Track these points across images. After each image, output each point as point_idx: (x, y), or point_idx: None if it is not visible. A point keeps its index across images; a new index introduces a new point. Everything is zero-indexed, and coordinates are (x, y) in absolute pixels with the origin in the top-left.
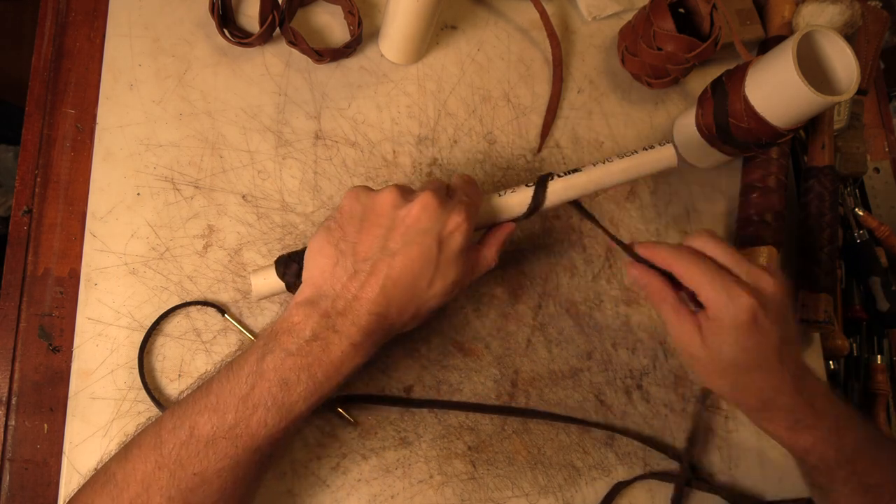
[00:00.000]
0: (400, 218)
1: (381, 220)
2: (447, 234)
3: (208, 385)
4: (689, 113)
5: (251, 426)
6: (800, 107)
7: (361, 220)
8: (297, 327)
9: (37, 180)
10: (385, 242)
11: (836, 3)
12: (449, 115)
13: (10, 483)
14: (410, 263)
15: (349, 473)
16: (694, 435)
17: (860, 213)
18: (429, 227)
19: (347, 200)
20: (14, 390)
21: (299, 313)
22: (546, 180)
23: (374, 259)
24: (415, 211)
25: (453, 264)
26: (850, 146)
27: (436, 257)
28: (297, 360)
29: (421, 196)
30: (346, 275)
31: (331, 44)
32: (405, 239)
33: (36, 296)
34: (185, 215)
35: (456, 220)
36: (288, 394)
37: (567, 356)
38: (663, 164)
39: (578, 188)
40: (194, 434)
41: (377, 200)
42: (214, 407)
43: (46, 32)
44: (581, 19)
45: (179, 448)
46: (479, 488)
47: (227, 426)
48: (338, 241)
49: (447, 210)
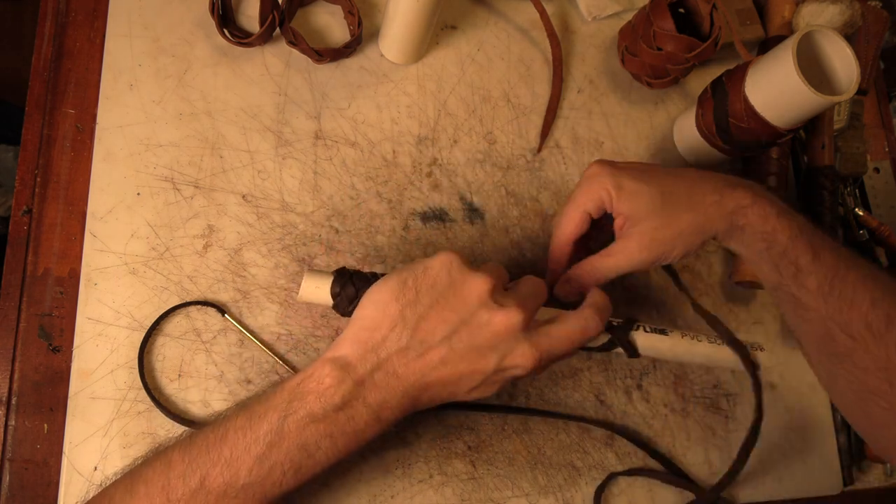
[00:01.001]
0: (478, 319)
1: (460, 309)
2: (511, 364)
3: (225, 431)
4: (689, 113)
5: (265, 487)
6: (800, 107)
7: (442, 294)
8: (327, 392)
9: (37, 180)
10: (451, 334)
11: (836, 3)
12: (449, 115)
13: (10, 483)
14: (463, 370)
15: (349, 473)
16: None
17: (860, 213)
18: (498, 346)
19: (438, 265)
20: (14, 390)
21: (333, 375)
22: (629, 329)
23: (431, 345)
24: (496, 322)
25: (499, 386)
26: (850, 146)
27: (489, 375)
28: (322, 428)
29: (511, 311)
30: (397, 347)
31: (331, 44)
32: (471, 343)
33: (36, 296)
34: (185, 215)
35: (526, 359)
36: (307, 460)
37: None
38: (740, 367)
39: (655, 351)
40: (205, 486)
41: (467, 285)
42: (228, 461)
43: (46, 32)
44: (581, 19)
45: (189, 497)
46: (479, 488)
47: (241, 485)
48: (405, 305)
49: (527, 343)
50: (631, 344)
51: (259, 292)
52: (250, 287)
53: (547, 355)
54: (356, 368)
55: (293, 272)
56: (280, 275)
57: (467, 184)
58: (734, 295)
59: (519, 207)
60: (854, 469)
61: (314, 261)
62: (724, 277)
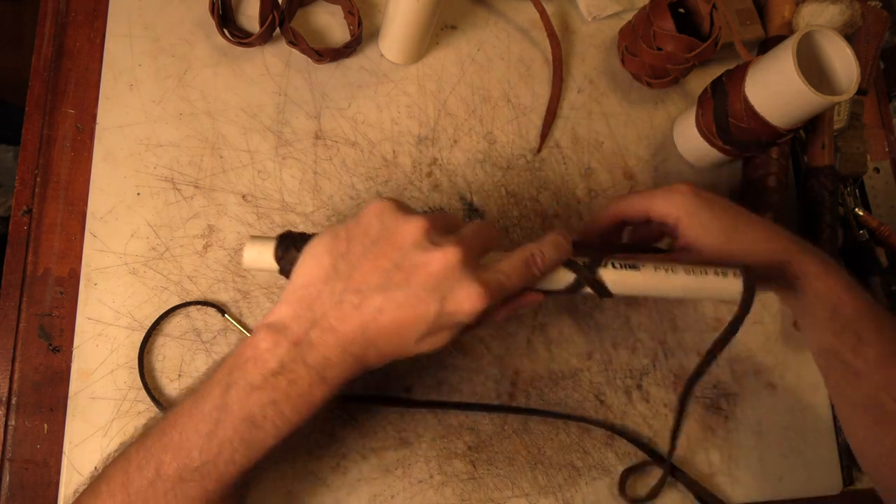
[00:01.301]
0: (413, 262)
1: (393, 254)
2: (455, 305)
3: (174, 416)
4: (689, 113)
5: (219, 466)
6: (800, 107)
7: (374, 242)
8: (263, 357)
9: (37, 180)
10: (386, 281)
11: (836, 3)
12: (449, 115)
13: (10, 483)
14: (402, 316)
15: (349, 473)
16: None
17: (860, 213)
18: (437, 287)
19: (370, 214)
20: (14, 390)
21: (268, 339)
22: (596, 265)
23: (365, 294)
24: (434, 264)
25: (450, 333)
26: (850, 146)
27: (432, 321)
28: (263, 395)
29: (448, 249)
30: (331, 301)
31: (331, 44)
32: (408, 288)
33: (36, 296)
34: (185, 215)
35: (471, 296)
36: (255, 431)
37: (567, 356)
38: (727, 297)
39: (626, 287)
40: (161, 474)
41: (400, 229)
42: (179, 445)
43: (46, 32)
44: (581, 19)
45: (147, 488)
46: (479, 488)
47: (194, 467)
48: (338, 257)
49: (469, 278)
50: (599, 282)
51: (259, 292)
52: (250, 287)
53: (495, 292)
54: (291, 329)
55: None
56: (280, 275)
57: (467, 184)
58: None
59: (519, 207)
60: (854, 469)
61: None
62: None
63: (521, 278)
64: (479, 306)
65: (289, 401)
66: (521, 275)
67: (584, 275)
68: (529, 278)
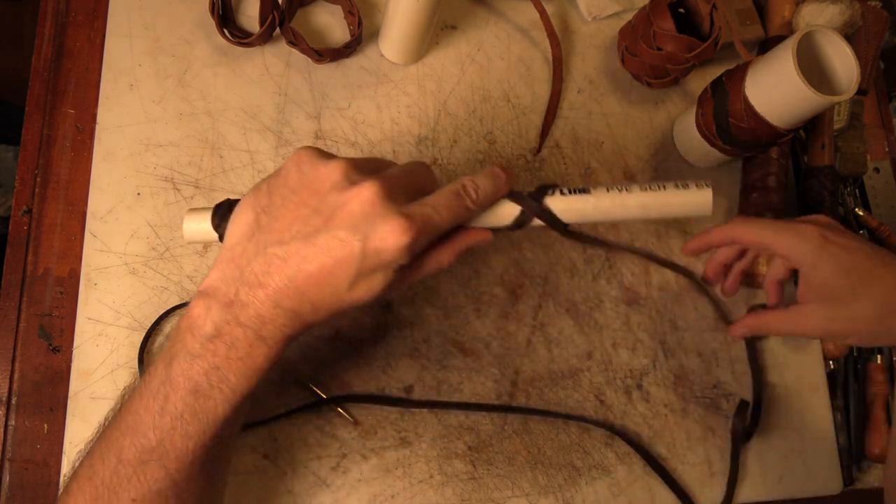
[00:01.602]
0: (330, 203)
1: (311, 200)
2: (380, 242)
3: (128, 401)
4: (689, 113)
5: (175, 442)
6: (800, 107)
7: (293, 191)
8: (197, 322)
9: (37, 180)
10: (306, 227)
11: (836, 3)
12: (449, 115)
13: (10, 483)
14: (327, 261)
15: (349, 473)
16: None
17: (860, 213)
18: (357, 225)
19: (290, 164)
20: (14, 390)
21: (200, 305)
22: (543, 195)
23: (287, 243)
24: (352, 202)
25: (382, 275)
26: (850, 146)
27: (358, 261)
28: (204, 362)
29: (366, 184)
30: (255, 255)
31: (331, 44)
32: (328, 231)
33: (36, 296)
34: None
35: (395, 231)
36: (203, 401)
37: (567, 356)
38: (694, 212)
39: (578, 213)
40: (122, 459)
41: (319, 174)
42: (134, 428)
43: (46, 32)
44: (581, 19)
45: (111, 477)
46: (479, 488)
47: (151, 447)
48: (260, 212)
49: (390, 213)
50: (547, 212)
51: None
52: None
53: (421, 225)
54: (221, 290)
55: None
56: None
57: None
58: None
59: None
60: (854, 469)
61: None
62: None
63: (451, 212)
64: (405, 240)
65: (230, 365)
66: (452, 208)
67: (530, 205)
68: (462, 211)
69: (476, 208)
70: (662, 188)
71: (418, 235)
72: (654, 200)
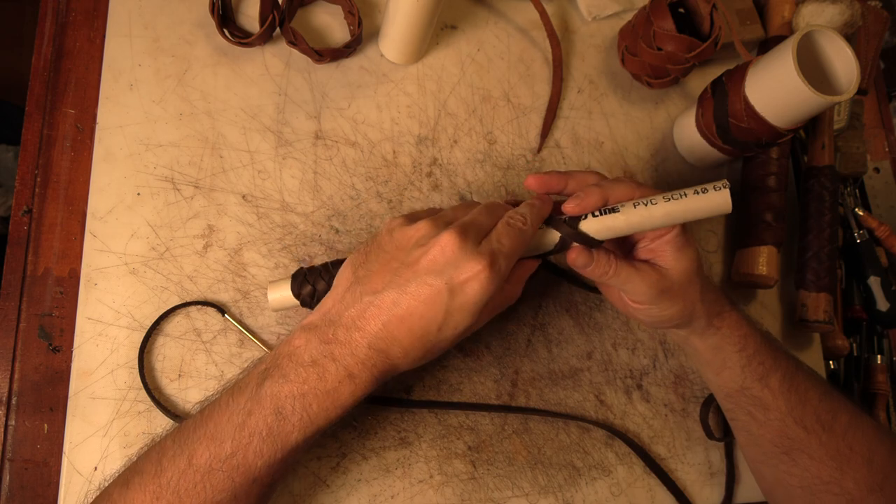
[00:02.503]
0: (416, 255)
1: (399, 254)
2: (461, 281)
3: (210, 409)
4: (689, 113)
5: (248, 457)
6: (800, 107)
7: (384, 250)
8: (297, 352)
9: (37, 180)
10: (396, 277)
11: (836, 3)
12: (449, 115)
13: (10, 483)
14: (417, 305)
15: (349, 473)
16: None
17: (860, 213)
18: (441, 270)
19: (382, 230)
20: (14, 390)
21: (301, 337)
22: (577, 220)
23: (380, 292)
24: (431, 251)
25: (468, 311)
26: (850, 146)
27: (446, 303)
28: (293, 388)
29: (444, 234)
30: (353, 303)
31: (331, 44)
32: (416, 278)
33: (36, 296)
34: (185, 215)
35: (474, 269)
36: (282, 424)
37: (567, 356)
38: (715, 212)
39: (611, 230)
40: (192, 464)
41: (405, 234)
42: (212, 436)
43: (46, 32)
44: (581, 19)
45: (178, 478)
46: (479, 488)
47: (224, 456)
48: (357, 267)
49: (468, 255)
50: (584, 234)
51: (259, 292)
52: (250, 287)
53: (496, 257)
54: (321, 328)
55: (293, 272)
56: (280, 275)
57: (467, 184)
58: (734, 295)
59: None
60: None
61: (314, 261)
62: (724, 277)
63: (511, 240)
64: (488, 274)
65: (316, 396)
66: (511, 236)
67: (567, 230)
68: (518, 235)
69: (528, 229)
70: (684, 196)
71: (494, 269)
72: (677, 208)
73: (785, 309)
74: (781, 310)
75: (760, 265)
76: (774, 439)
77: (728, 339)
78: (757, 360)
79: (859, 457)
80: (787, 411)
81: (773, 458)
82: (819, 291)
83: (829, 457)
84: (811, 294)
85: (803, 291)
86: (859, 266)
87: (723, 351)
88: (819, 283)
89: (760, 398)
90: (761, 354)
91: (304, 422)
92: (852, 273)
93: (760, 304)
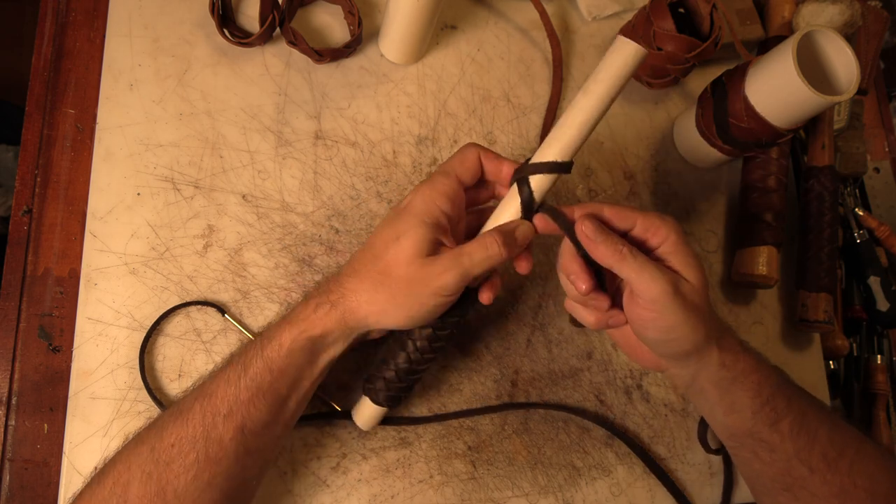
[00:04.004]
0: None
1: None
2: (404, 205)
3: (210, 376)
4: (689, 113)
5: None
6: (800, 107)
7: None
8: (301, 312)
9: (37, 180)
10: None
11: (836, 3)
12: (449, 115)
13: (10, 483)
14: (376, 232)
15: (349, 473)
16: None
17: (860, 213)
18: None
19: None
20: (14, 390)
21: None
22: (524, 173)
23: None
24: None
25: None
26: (850, 146)
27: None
28: (294, 328)
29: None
30: (337, 285)
31: (331, 44)
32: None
33: (36, 296)
34: (185, 215)
35: (412, 196)
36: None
37: (567, 356)
38: (633, 61)
39: (565, 149)
40: (180, 410)
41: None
42: (211, 393)
43: (46, 32)
44: (581, 19)
45: (161, 428)
46: (479, 488)
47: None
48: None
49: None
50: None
51: (259, 292)
52: (250, 287)
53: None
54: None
55: (293, 272)
56: (280, 275)
57: None
58: (734, 295)
59: None
60: None
61: (314, 260)
62: (724, 277)
63: (479, 266)
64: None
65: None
66: (479, 264)
67: (523, 190)
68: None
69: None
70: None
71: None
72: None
73: (785, 309)
74: (781, 310)
75: (760, 265)
76: (777, 476)
77: (742, 385)
78: (770, 406)
79: (862, 491)
80: (794, 453)
81: (774, 493)
82: (819, 291)
83: (832, 494)
84: (811, 294)
85: (803, 291)
86: (859, 266)
87: (733, 395)
88: (819, 283)
89: (769, 441)
90: (775, 400)
91: (292, 375)
92: (852, 273)
93: (760, 304)
